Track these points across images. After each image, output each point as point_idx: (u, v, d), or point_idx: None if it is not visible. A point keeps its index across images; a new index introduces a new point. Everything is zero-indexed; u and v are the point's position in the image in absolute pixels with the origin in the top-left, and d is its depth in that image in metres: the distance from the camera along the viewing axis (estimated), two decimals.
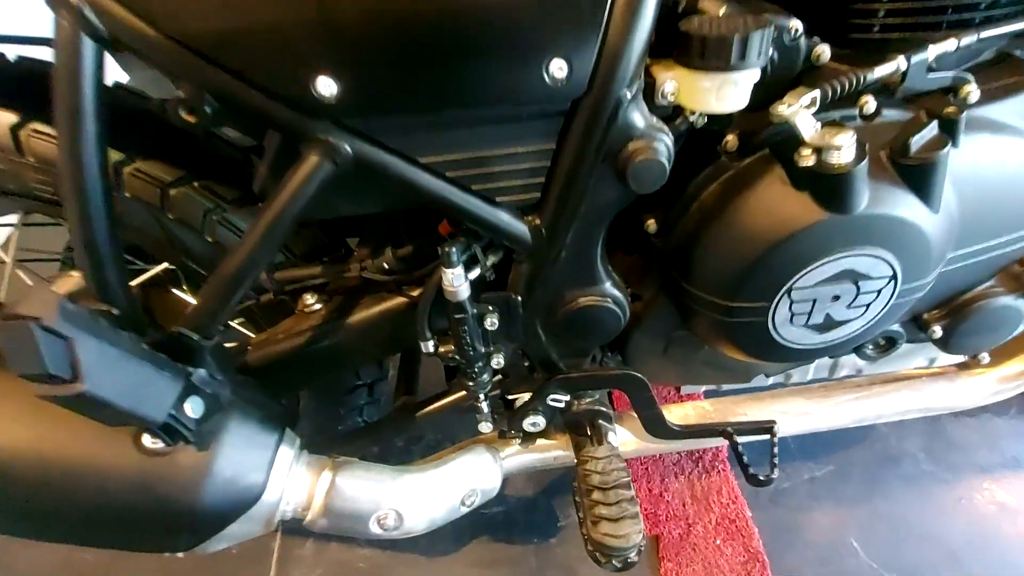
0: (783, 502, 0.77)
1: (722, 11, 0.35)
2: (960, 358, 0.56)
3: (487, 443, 0.51)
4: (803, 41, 0.38)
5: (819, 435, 0.68)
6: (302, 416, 0.60)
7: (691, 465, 0.81)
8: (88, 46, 0.28)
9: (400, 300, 0.46)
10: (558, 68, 0.31)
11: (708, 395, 0.63)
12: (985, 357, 0.53)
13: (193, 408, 0.35)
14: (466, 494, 0.49)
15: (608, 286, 0.42)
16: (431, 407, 0.52)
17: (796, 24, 0.38)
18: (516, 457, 0.53)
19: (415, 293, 0.46)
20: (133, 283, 0.49)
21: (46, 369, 0.26)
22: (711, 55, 0.32)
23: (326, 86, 0.30)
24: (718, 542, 0.69)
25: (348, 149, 0.32)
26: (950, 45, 0.37)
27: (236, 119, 0.34)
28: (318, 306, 0.48)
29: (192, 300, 0.54)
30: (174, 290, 0.57)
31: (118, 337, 0.30)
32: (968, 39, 0.38)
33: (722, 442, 0.51)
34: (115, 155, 0.43)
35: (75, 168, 0.30)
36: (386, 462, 0.48)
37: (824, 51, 0.39)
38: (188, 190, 0.45)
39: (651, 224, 0.43)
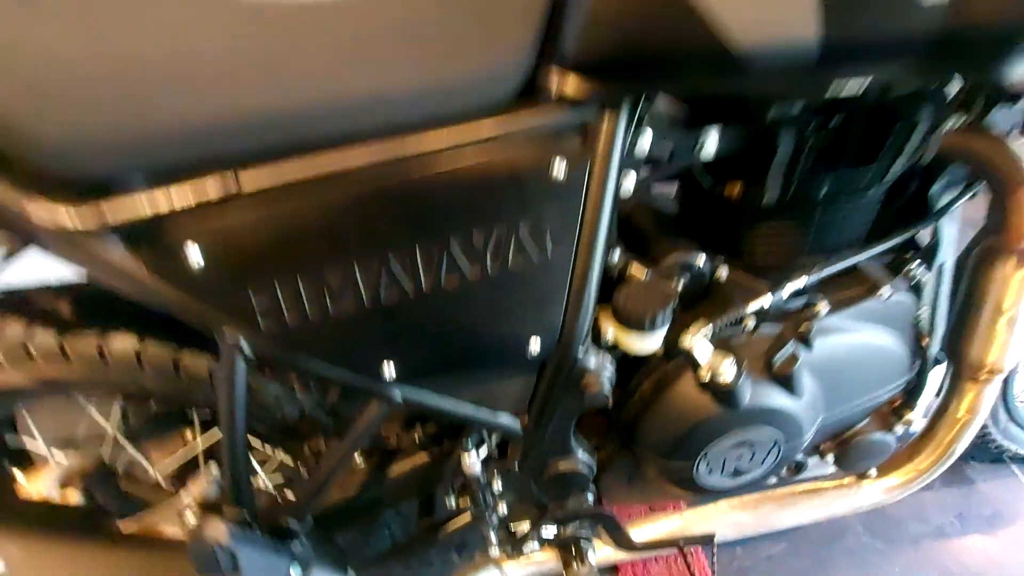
0: None
1: (644, 276, 0.53)
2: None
3: (496, 562, 0.67)
4: (707, 267, 0.56)
5: None
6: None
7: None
8: (240, 366, 0.44)
9: (426, 461, 0.62)
10: (535, 344, 0.49)
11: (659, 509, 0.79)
12: (873, 472, 0.69)
13: (295, 573, 0.50)
14: None
15: (579, 454, 0.59)
16: (450, 530, 0.68)
17: (701, 258, 0.55)
18: (518, 570, 0.68)
19: (438, 452, 0.62)
20: None
21: (222, 571, 0.42)
22: (633, 324, 0.49)
23: (389, 369, 0.47)
24: None
25: (399, 398, 0.49)
26: (811, 277, 0.55)
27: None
28: (362, 464, 0.64)
29: None
30: None
31: (255, 537, 0.46)
32: (829, 269, 0.55)
33: None
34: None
35: (230, 440, 0.47)
36: None
37: (723, 271, 0.57)
38: None
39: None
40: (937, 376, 0.65)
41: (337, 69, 0.37)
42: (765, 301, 0.54)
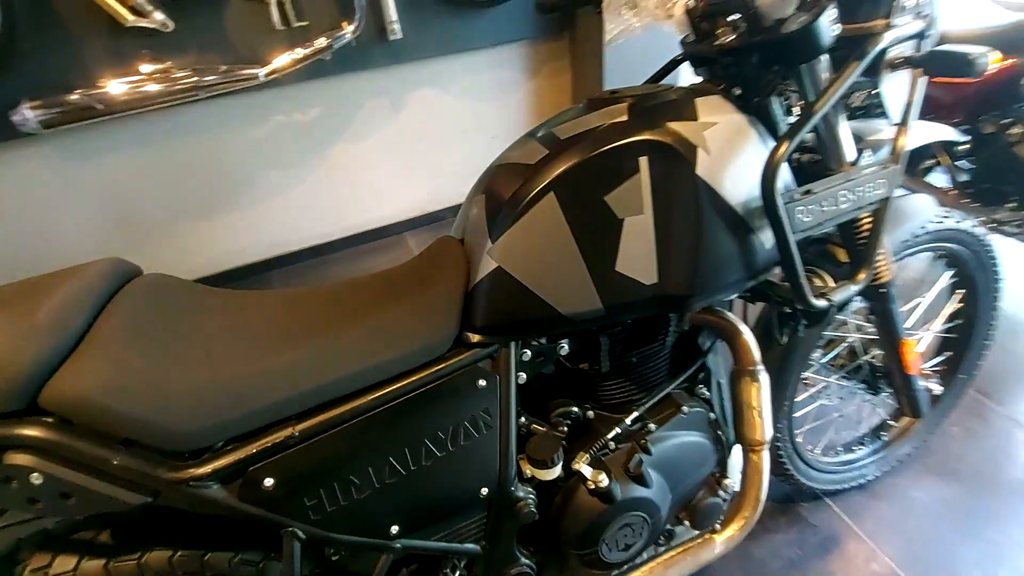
0: None
1: (542, 432, 0.84)
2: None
3: None
4: (580, 412, 0.88)
5: None
6: None
7: None
8: (297, 547, 0.67)
9: None
10: (484, 490, 0.77)
11: None
12: (718, 526, 1.02)
13: None
14: None
15: (522, 560, 0.85)
16: None
17: (574, 408, 0.88)
18: None
19: None
20: None
21: None
22: (540, 464, 0.79)
23: (394, 529, 0.72)
24: None
25: (401, 548, 0.73)
26: (642, 408, 0.89)
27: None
28: None
29: None
30: None
31: None
32: (651, 401, 0.90)
33: None
34: None
35: None
36: None
37: (590, 414, 0.90)
38: None
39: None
40: (737, 452, 1.02)
41: (346, 356, 0.67)
42: (618, 428, 0.88)
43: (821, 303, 0.80)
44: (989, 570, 1.21)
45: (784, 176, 0.78)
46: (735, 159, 0.73)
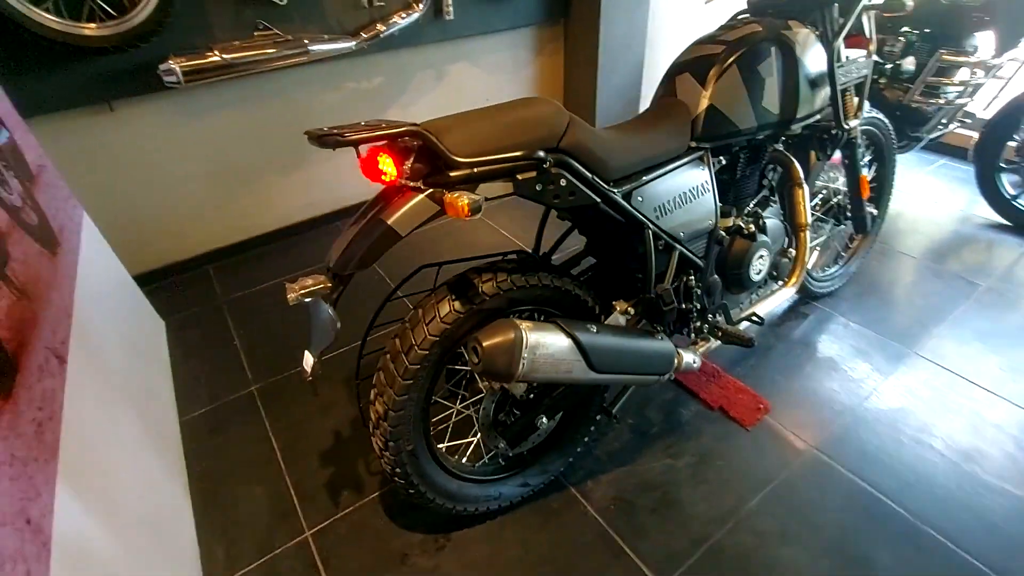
0: None
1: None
2: None
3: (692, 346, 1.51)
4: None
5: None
6: None
7: None
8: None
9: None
10: (708, 224, 1.42)
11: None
12: (785, 279, 1.76)
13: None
14: None
15: (714, 276, 1.51)
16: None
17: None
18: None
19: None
20: None
21: None
22: (723, 219, 1.46)
23: None
24: None
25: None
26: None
27: None
28: None
29: None
30: None
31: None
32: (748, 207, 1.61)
33: None
34: None
35: None
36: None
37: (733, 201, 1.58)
38: None
39: None
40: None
41: (654, 145, 1.31)
42: (747, 207, 1.58)
43: (851, 123, 1.58)
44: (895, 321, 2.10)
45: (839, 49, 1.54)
46: (811, 48, 1.47)
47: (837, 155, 1.87)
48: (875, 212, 2.15)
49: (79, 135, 2.20)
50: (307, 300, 1.01)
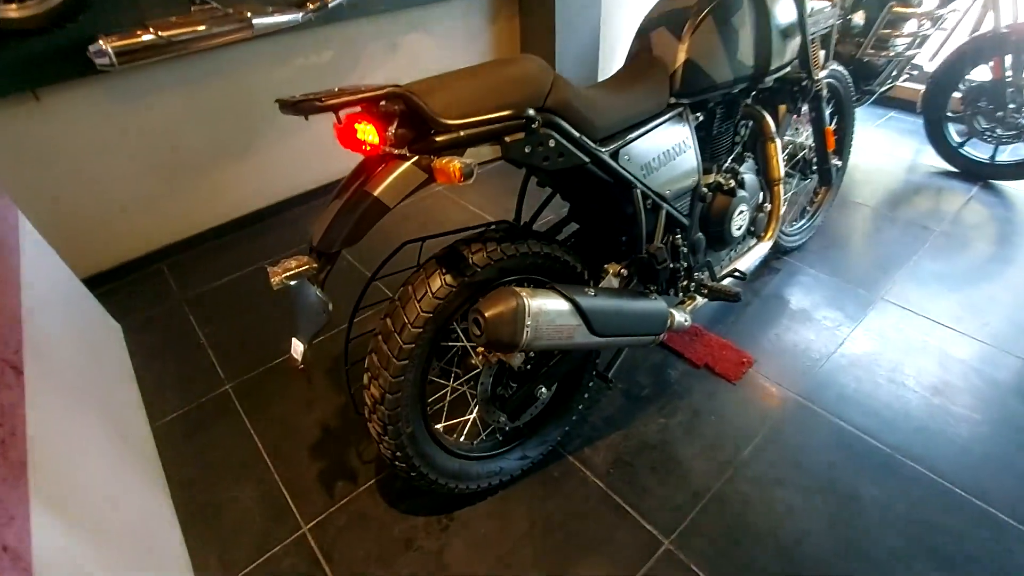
0: None
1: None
2: None
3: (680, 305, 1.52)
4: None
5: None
6: None
7: None
8: None
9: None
10: (691, 181, 1.41)
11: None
12: (761, 234, 1.78)
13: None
14: None
15: (698, 234, 1.51)
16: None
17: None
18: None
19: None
20: None
21: None
22: (705, 175, 1.46)
23: None
24: None
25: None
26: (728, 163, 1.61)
27: None
28: None
29: None
30: None
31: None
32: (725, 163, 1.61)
33: None
34: None
35: None
36: None
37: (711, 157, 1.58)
38: None
39: None
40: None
41: (635, 103, 1.28)
42: (725, 163, 1.59)
43: (820, 74, 1.59)
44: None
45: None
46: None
47: (804, 109, 1.90)
48: (839, 164, 2.20)
49: (1, 129, 1.99)
50: (292, 283, 0.95)
